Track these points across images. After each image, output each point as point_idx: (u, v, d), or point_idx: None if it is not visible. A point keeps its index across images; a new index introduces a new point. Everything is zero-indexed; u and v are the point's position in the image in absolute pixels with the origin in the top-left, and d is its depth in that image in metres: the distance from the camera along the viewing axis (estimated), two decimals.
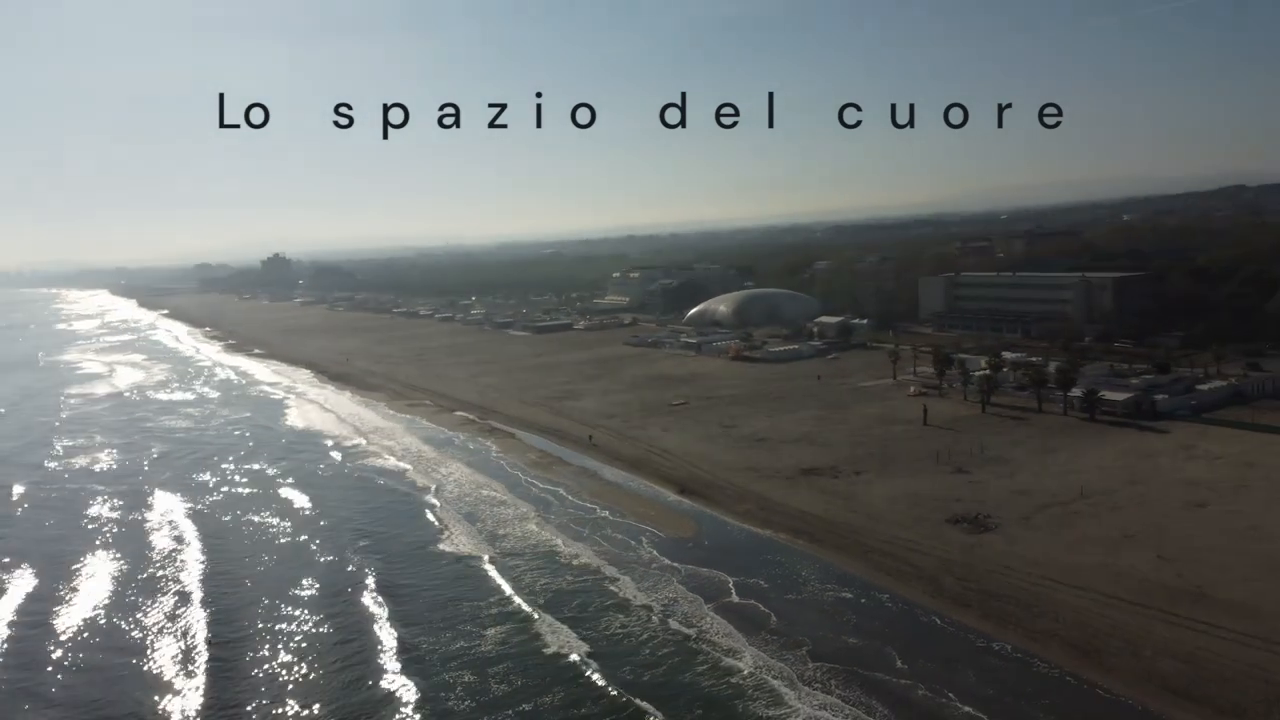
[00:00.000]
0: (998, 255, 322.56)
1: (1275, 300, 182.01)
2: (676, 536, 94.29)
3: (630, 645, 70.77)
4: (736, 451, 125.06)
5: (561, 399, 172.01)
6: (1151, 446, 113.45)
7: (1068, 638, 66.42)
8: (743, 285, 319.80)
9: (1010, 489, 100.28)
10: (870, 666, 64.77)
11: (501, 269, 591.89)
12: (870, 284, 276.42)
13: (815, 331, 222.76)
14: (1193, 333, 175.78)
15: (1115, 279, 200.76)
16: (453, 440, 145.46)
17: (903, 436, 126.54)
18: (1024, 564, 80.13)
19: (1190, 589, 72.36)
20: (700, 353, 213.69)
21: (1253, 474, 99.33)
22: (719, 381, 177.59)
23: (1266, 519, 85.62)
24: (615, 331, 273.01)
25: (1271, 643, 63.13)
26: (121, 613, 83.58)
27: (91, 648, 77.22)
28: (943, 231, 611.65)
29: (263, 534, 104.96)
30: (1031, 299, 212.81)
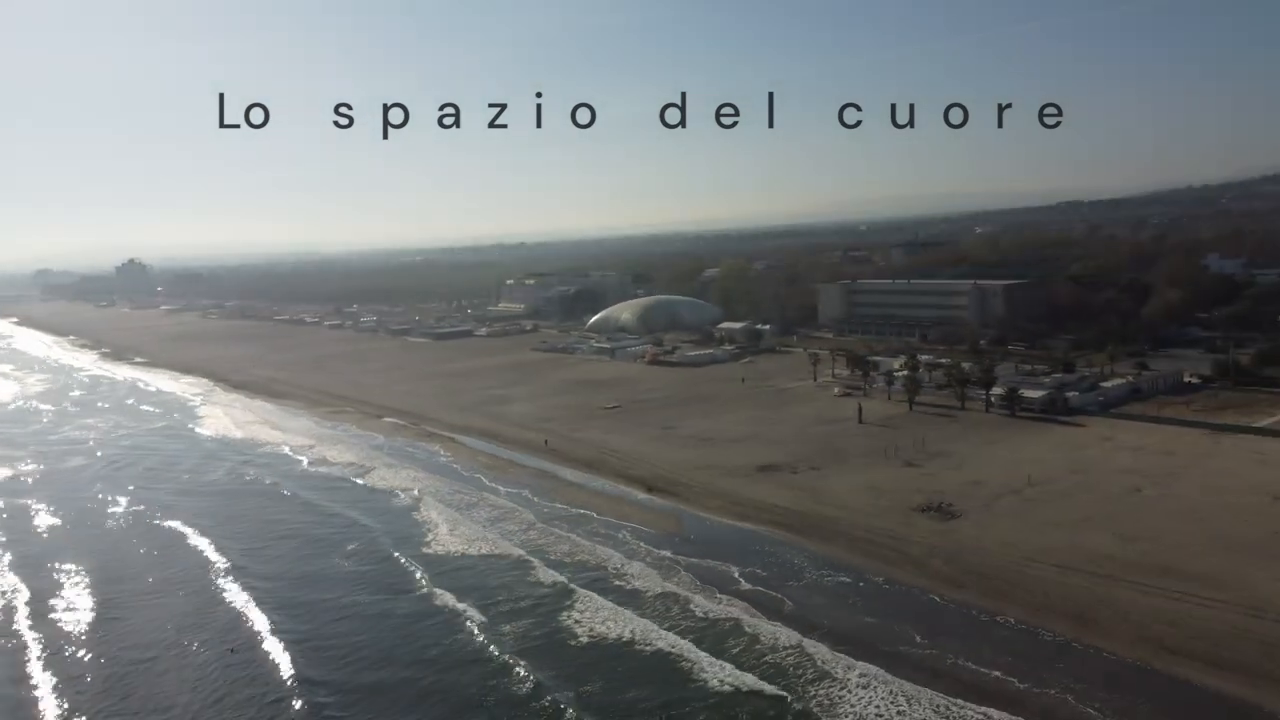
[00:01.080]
0: (878, 264, 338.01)
1: (1151, 305, 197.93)
2: (663, 532, 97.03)
3: (681, 629, 73.54)
4: (687, 451, 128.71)
5: (490, 404, 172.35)
6: (1075, 439, 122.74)
7: (1063, 610, 72.46)
8: (636, 293, 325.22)
9: (962, 480, 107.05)
10: (893, 642, 69.14)
11: (377, 276, 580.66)
12: (766, 291, 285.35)
13: (722, 336, 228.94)
14: (1081, 336, 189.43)
15: (1006, 286, 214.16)
16: (401, 448, 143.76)
17: (843, 434, 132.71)
18: (999, 546, 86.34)
19: (1156, 563, 79.72)
20: (614, 358, 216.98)
21: (1175, 462, 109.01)
22: (643, 385, 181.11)
23: (1202, 502, 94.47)
24: (518, 338, 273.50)
25: (1241, 606, 70.50)
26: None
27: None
28: (811, 241, 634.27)
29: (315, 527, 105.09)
30: (927, 305, 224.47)
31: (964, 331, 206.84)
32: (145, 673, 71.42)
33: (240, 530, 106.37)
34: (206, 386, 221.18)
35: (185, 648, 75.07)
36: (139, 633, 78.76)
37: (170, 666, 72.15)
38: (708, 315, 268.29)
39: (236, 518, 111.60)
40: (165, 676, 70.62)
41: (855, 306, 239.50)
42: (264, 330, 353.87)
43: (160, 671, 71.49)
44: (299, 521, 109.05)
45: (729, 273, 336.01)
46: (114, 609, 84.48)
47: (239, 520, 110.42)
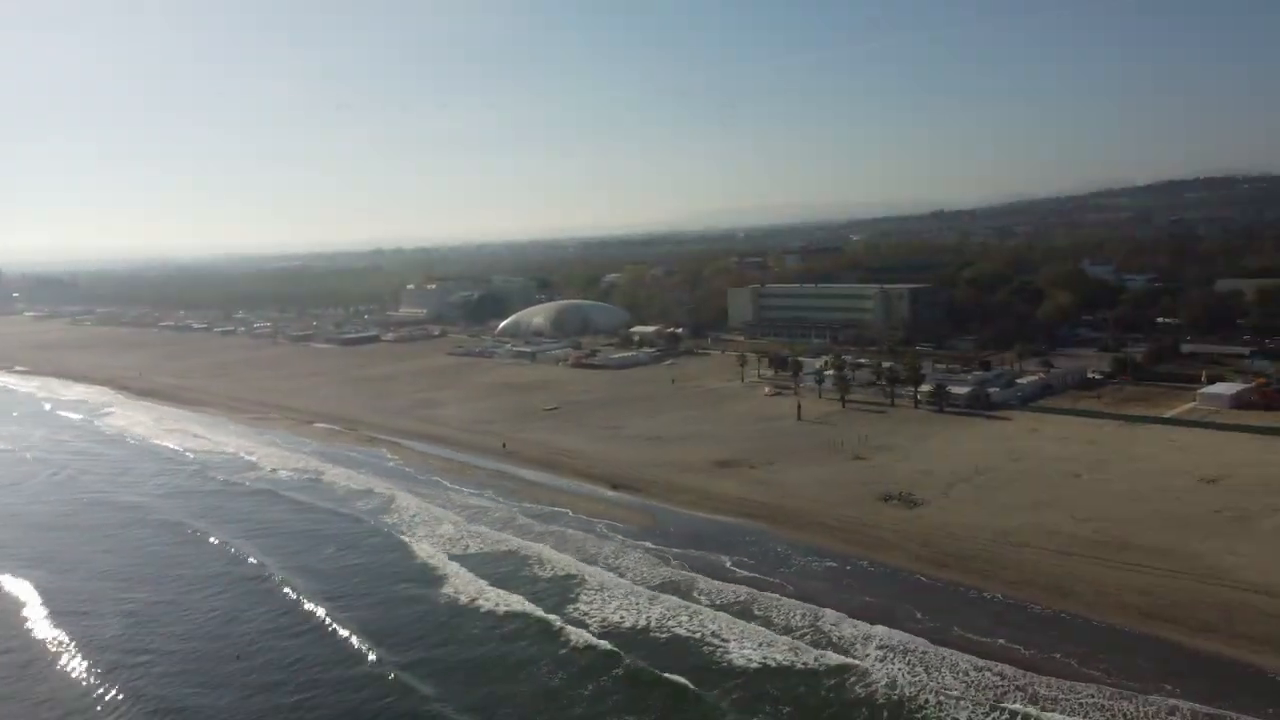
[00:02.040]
0: (774, 269, 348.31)
1: (1044, 307, 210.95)
2: (641, 527, 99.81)
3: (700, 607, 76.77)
4: (639, 450, 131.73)
5: (422, 408, 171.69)
6: (1004, 431, 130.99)
7: (1043, 584, 78.50)
8: (538, 297, 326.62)
9: (912, 470, 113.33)
10: (895, 618, 73.73)
11: (260, 282, 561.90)
12: (672, 295, 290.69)
13: (640, 339, 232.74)
14: (983, 336, 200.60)
15: (911, 289, 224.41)
16: (345, 453, 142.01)
17: (786, 431, 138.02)
18: (966, 530, 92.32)
19: (1112, 540, 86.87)
20: (535, 361, 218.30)
21: (1101, 451, 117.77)
22: (573, 388, 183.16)
23: (1136, 485, 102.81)
24: (427, 343, 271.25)
25: (1195, 575, 77.83)
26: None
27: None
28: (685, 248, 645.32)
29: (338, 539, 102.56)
30: (834, 308, 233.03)
31: (872, 333, 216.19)
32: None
33: (251, 529, 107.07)
34: (110, 395, 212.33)
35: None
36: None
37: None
38: (617, 319, 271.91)
39: (240, 519, 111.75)
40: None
41: (764, 310, 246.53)
42: (149, 337, 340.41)
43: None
44: (305, 520, 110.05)
45: (631, 278, 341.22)
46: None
47: (244, 520, 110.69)
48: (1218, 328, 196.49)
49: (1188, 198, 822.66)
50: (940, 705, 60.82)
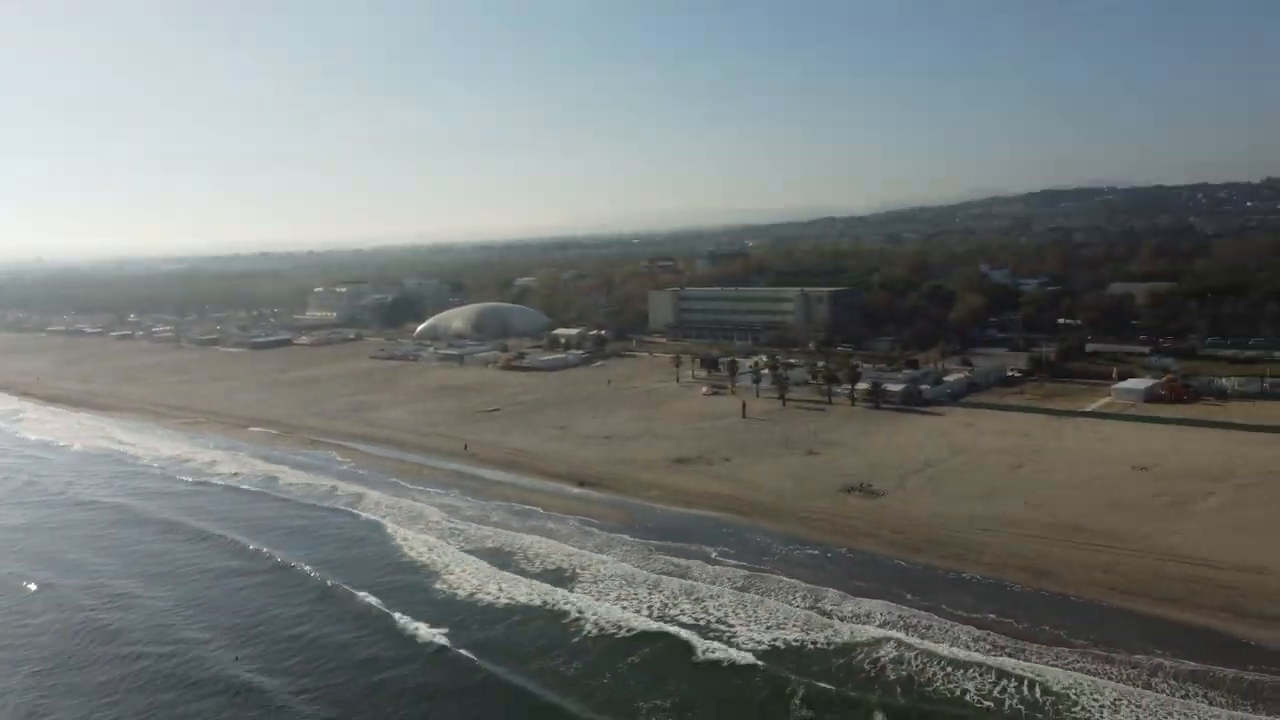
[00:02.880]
0: (686, 272, 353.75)
1: (956, 310, 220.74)
2: (618, 521, 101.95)
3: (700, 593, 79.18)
4: (594, 449, 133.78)
5: (360, 410, 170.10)
6: (941, 426, 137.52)
7: (1016, 565, 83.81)
8: (450, 300, 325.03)
9: (865, 464, 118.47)
10: (889, 597, 77.99)
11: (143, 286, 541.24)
12: (590, 298, 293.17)
13: (567, 341, 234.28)
14: (901, 337, 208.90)
15: (830, 292, 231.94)
16: (293, 456, 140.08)
17: (734, 428, 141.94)
18: (930, 518, 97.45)
19: (1067, 524, 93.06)
20: (463, 364, 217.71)
21: (1034, 443, 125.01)
22: (509, 390, 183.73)
23: (1074, 474, 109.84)
24: (343, 347, 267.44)
25: (1151, 554, 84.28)
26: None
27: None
28: (593, 252, 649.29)
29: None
30: (755, 310, 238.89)
31: (793, 334, 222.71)
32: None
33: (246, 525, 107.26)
34: (15, 402, 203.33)
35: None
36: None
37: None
38: (536, 322, 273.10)
39: (227, 515, 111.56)
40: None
41: (684, 312, 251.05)
42: (40, 342, 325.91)
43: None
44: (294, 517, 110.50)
45: (544, 281, 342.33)
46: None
47: (233, 517, 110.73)
48: (1114, 328, 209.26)
49: (1062, 206, 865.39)
50: (952, 668, 64.98)
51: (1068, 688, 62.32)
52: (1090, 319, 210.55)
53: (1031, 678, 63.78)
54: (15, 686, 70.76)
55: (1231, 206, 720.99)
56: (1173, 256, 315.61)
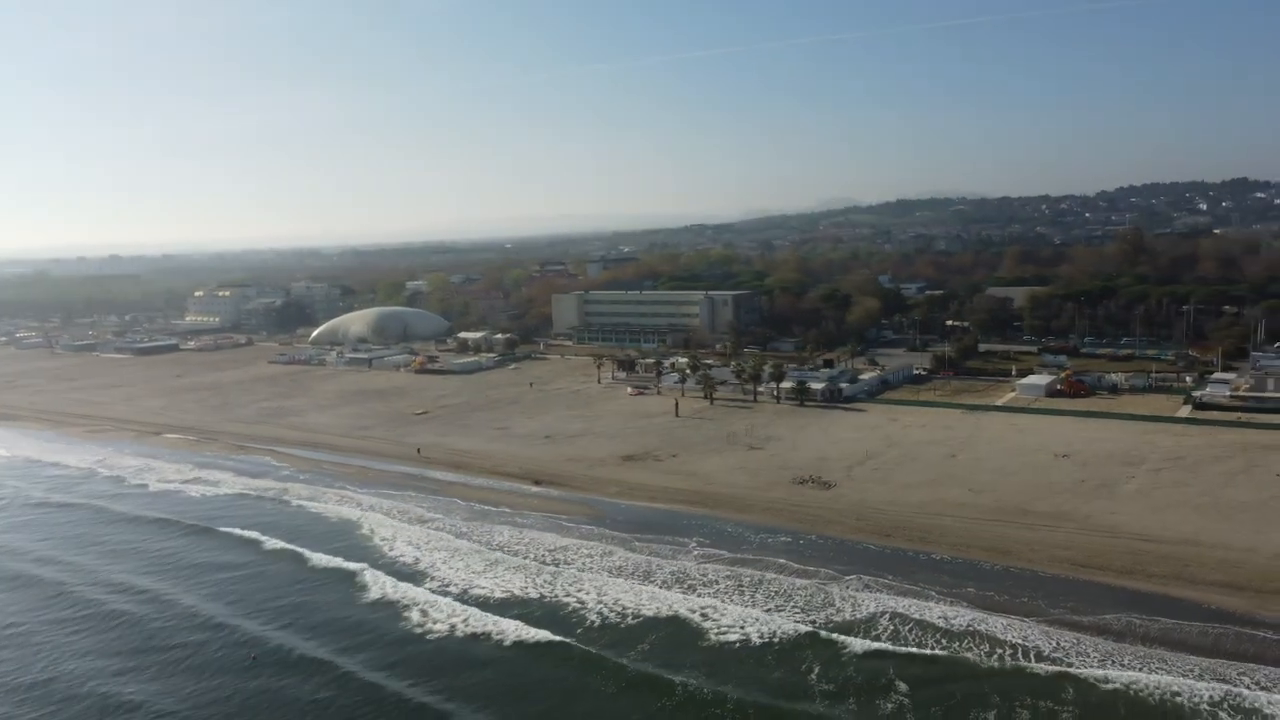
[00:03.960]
0: (576, 276, 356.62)
1: (854, 312, 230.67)
2: (587, 517, 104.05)
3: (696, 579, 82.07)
4: (537, 449, 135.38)
5: (279, 416, 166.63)
6: (867, 421, 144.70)
7: (980, 545, 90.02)
8: (339, 305, 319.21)
9: (808, 457, 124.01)
10: (872, 577, 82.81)
11: None
12: (485, 302, 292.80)
13: (474, 345, 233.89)
14: (805, 338, 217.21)
15: (734, 296, 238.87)
16: (228, 463, 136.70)
17: (671, 426, 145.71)
18: (886, 505, 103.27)
19: (1014, 507, 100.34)
20: (372, 368, 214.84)
21: (959, 434, 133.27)
22: (431, 393, 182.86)
23: (1005, 461, 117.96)
24: (236, 352, 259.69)
25: (1096, 531, 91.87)
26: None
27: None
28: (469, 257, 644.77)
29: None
30: (661, 314, 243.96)
31: (699, 337, 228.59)
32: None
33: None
34: None
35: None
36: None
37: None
38: (436, 326, 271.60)
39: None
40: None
41: (590, 316, 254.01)
42: None
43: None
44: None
45: (435, 285, 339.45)
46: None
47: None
48: (999, 329, 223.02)
49: (917, 215, 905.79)
50: (948, 639, 70.13)
51: (1056, 649, 68.13)
52: (978, 321, 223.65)
53: (1023, 644, 69.38)
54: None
55: (1072, 217, 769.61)
56: (1038, 263, 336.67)
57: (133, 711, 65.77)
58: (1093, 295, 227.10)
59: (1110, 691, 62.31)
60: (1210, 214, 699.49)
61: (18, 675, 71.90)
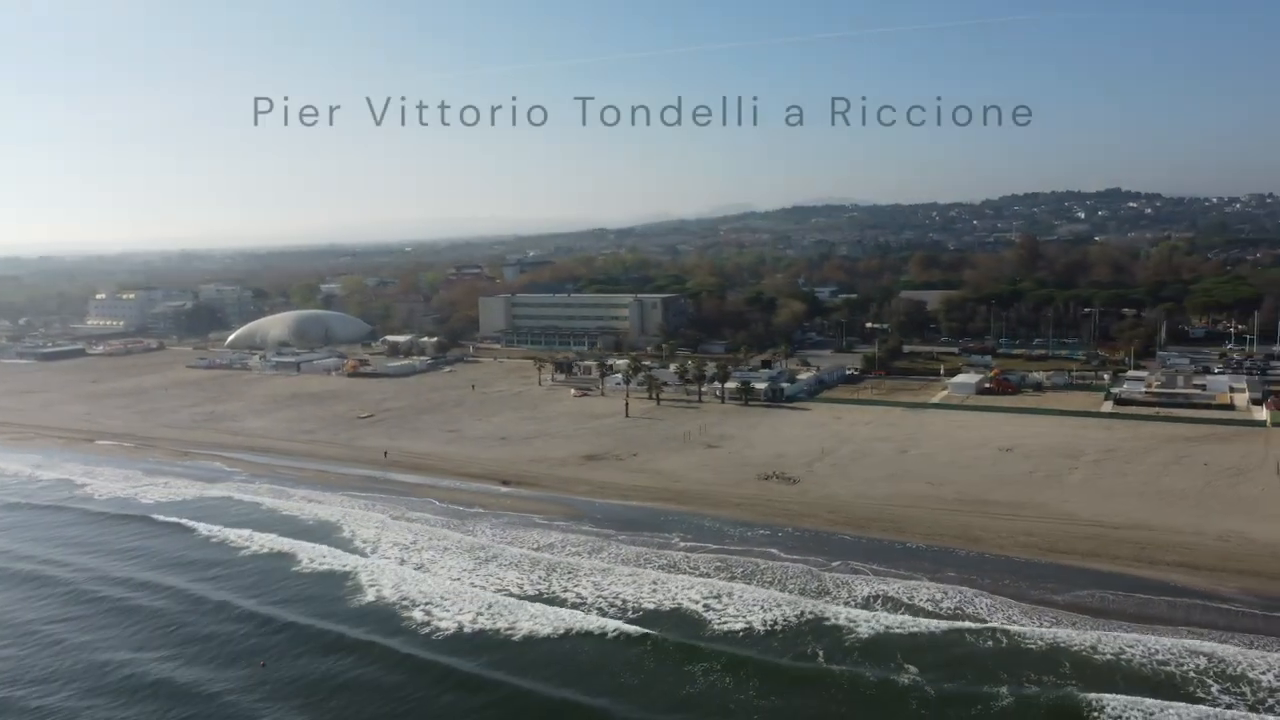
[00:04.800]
0: (494, 279, 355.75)
1: (779, 315, 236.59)
2: (567, 514, 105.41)
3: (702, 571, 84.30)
4: (496, 450, 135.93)
5: (214, 421, 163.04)
6: (814, 419, 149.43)
7: (950, 534, 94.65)
8: (250, 308, 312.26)
9: (766, 454, 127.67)
10: (856, 565, 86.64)
11: None
12: (405, 304, 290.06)
13: (404, 348, 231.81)
14: (734, 340, 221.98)
15: (663, 299, 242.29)
16: (178, 469, 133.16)
17: (624, 426, 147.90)
18: (852, 498, 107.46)
19: (973, 498, 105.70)
20: (300, 372, 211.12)
21: (905, 431, 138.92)
22: (370, 396, 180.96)
23: (954, 456, 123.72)
24: (147, 356, 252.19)
25: (1054, 519, 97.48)
26: None
27: None
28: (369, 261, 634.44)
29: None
30: (589, 316, 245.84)
31: (629, 339, 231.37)
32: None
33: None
34: None
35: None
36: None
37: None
38: (358, 329, 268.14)
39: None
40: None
41: (517, 319, 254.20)
42: None
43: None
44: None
45: (350, 288, 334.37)
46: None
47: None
48: (917, 331, 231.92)
49: (813, 222, 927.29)
50: (938, 620, 74.20)
51: (1044, 626, 72.53)
52: (897, 323, 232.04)
53: (1012, 623, 73.66)
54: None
55: (961, 224, 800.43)
56: (940, 267, 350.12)
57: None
58: (1003, 298, 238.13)
59: (1103, 663, 66.88)
60: (1088, 222, 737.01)
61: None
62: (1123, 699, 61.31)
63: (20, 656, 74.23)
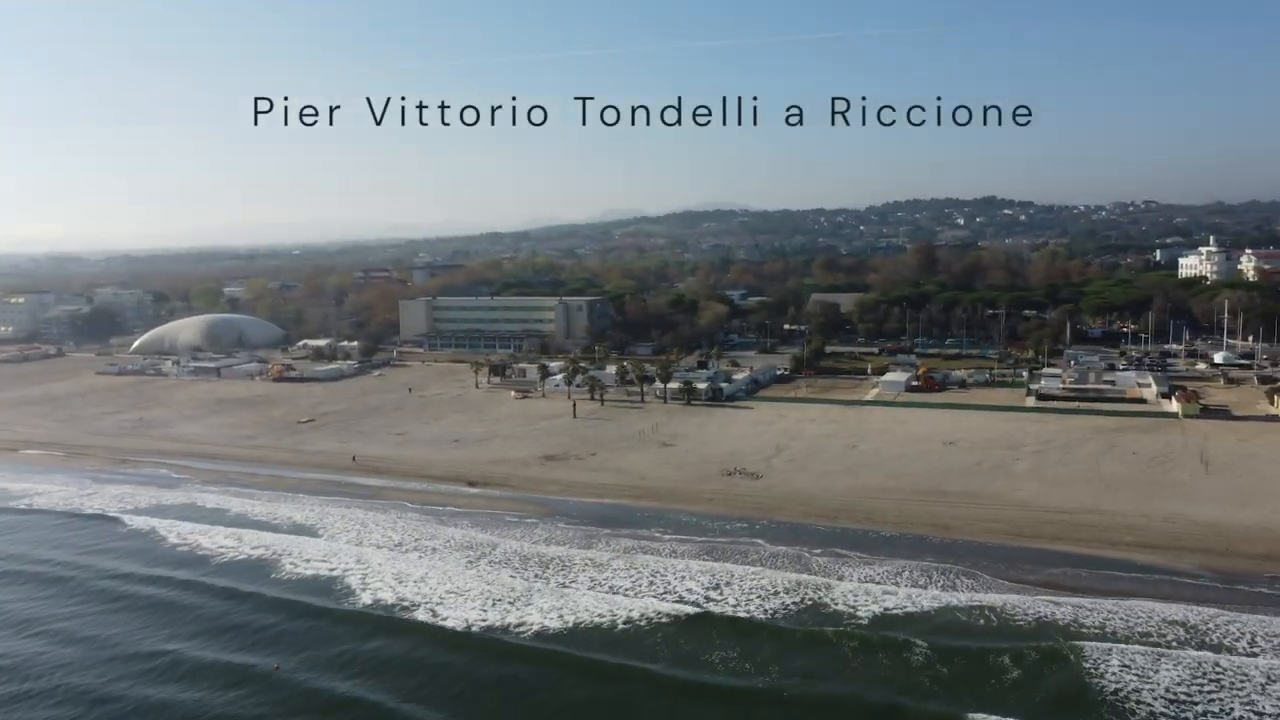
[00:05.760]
0: (404, 282, 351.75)
1: (703, 317, 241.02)
2: (545, 513, 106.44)
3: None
4: (451, 452, 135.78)
5: (146, 428, 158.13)
6: (759, 417, 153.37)
7: (921, 523, 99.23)
8: (149, 312, 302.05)
9: (722, 451, 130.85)
10: (838, 553, 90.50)
11: None
12: (318, 308, 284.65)
13: (333, 352, 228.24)
14: (660, 342, 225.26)
15: (588, 301, 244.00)
16: (113, 476, 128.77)
17: (575, 426, 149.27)
18: (819, 491, 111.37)
19: (931, 489, 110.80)
20: (221, 377, 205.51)
21: (848, 427, 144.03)
22: (305, 401, 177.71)
23: (903, 449, 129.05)
24: (50, 363, 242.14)
25: (1011, 505, 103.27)
26: None
27: None
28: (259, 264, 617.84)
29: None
30: (513, 319, 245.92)
31: (555, 342, 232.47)
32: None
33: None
34: None
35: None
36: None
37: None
38: (271, 334, 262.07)
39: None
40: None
41: (440, 322, 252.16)
42: None
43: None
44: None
45: (253, 292, 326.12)
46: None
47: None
48: (834, 332, 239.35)
49: (705, 226, 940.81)
50: (926, 600, 78.56)
51: (1030, 604, 77.23)
52: (817, 325, 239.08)
53: (1000, 601, 78.39)
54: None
55: (849, 230, 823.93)
56: (842, 271, 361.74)
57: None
58: (913, 300, 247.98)
59: (1090, 625, 72.20)
60: (967, 228, 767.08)
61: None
62: (1116, 646, 68.35)
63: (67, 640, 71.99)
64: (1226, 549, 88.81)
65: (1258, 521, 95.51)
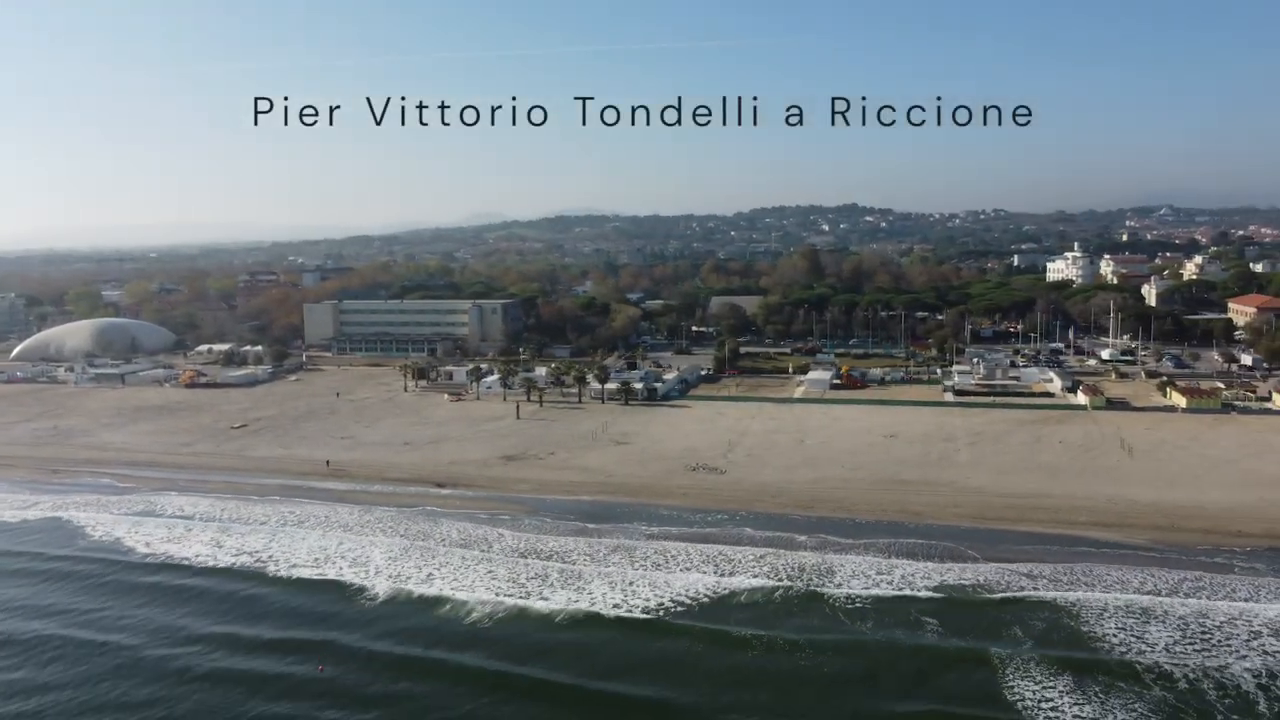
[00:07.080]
0: (296, 285, 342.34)
1: (617, 320, 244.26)
2: (525, 511, 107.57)
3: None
4: (406, 455, 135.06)
5: (66, 437, 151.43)
6: (699, 416, 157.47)
7: (893, 510, 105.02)
8: (23, 316, 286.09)
9: (678, 448, 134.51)
10: (823, 538, 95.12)
11: None
12: (212, 312, 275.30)
13: (243, 357, 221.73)
14: (579, 344, 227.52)
15: (503, 304, 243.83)
16: (51, 487, 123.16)
17: (522, 427, 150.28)
18: (786, 484, 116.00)
19: (890, 479, 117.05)
20: (126, 383, 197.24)
21: (790, 423, 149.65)
22: (231, 407, 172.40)
23: (850, 443, 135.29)
24: None
25: (968, 492, 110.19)
26: None
27: None
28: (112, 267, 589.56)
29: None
30: (426, 323, 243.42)
31: (470, 345, 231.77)
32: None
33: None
34: None
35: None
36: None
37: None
38: (164, 339, 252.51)
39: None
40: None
41: (346, 326, 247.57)
42: None
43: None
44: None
45: (134, 295, 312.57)
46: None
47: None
48: (741, 333, 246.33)
49: (577, 231, 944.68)
50: (917, 577, 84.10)
51: (1015, 579, 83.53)
52: (728, 326, 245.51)
53: (987, 578, 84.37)
54: None
55: (720, 235, 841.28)
56: (731, 274, 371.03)
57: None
58: (814, 302, 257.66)
59: (1074, 600, 78.63)
60: (832, 234, 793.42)
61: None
62: (1111, 601, 76.81)
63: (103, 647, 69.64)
64: (1170, 525, 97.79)
65: (1188, 500, 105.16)
